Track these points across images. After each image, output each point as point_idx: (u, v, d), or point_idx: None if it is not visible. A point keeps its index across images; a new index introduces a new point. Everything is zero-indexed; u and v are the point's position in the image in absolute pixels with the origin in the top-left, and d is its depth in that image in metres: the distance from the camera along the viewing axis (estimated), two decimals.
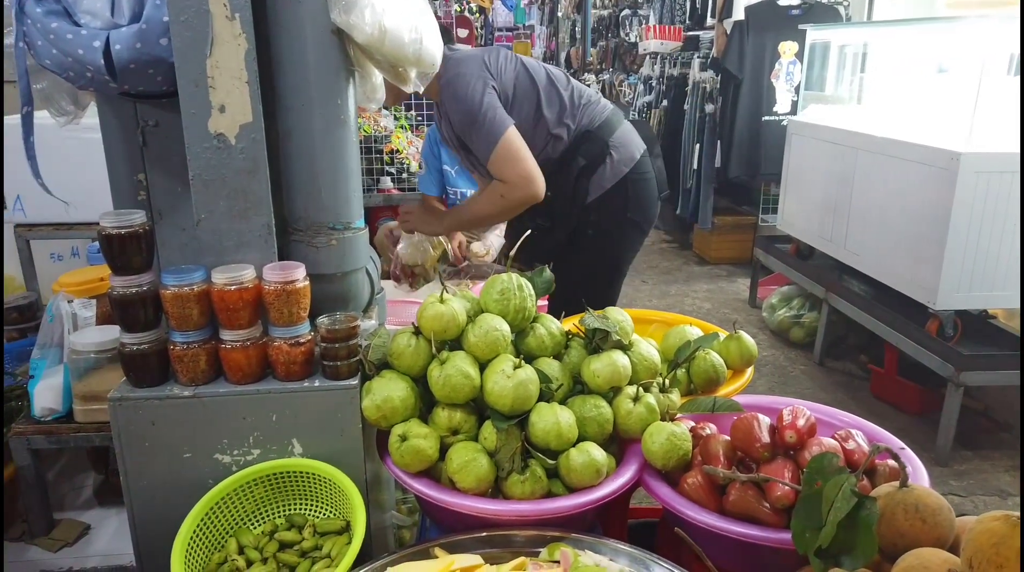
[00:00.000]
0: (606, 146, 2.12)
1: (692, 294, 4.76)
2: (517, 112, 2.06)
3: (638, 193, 2.21)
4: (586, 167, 2.11)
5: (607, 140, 2.13)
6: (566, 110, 2.13)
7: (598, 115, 2.16)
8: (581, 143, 2.12)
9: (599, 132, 2.13)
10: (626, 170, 2.16)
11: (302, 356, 1.35)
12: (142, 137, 1.48)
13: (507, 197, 1.97)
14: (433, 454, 1.34)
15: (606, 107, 2.21)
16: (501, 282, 1.46)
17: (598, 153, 2.12)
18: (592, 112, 2.16)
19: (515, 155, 1.95)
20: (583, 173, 2.11)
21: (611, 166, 2.14)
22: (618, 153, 2.15)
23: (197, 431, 1.34)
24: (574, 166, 2.11)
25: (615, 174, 2.14)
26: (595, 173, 2.13)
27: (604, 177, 2.14)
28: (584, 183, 2.12)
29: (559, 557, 1.21)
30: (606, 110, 2.19)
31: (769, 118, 4.79)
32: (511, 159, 1.94)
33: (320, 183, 1.45)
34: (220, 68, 1.30)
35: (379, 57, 1.41)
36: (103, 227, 1.28)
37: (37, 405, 1.67)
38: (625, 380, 1.44)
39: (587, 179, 2.12)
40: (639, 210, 2.23)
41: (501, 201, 1.98)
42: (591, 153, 2.11)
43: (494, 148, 1.94)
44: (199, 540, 1.27)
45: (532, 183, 1.96)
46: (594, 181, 2.13)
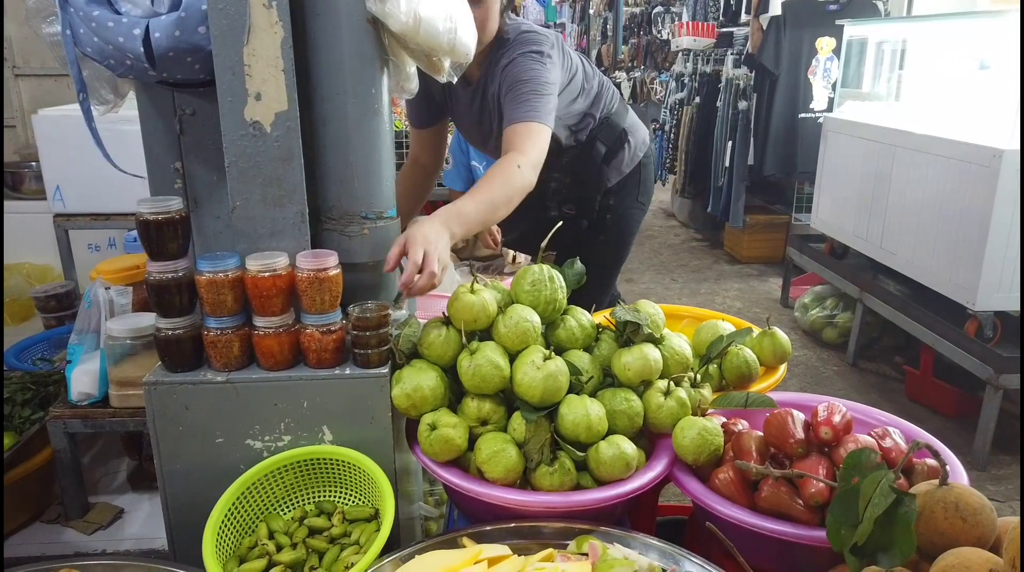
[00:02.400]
0: (624, 132, 2.15)
1: (723, 293, 4.71)
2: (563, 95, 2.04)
3: (647, 176, 2.29)
4: (607, 153, 2.14)
5: (623, 126, 2.16)
6: (597, 95, 2.14)
7: (614, 100, 2.18)
8: (601, 130, 2.14)
9: (616, 118, 2.15)
10: (642, 155, 2.22)
11: (333, 344, 1.36)
12: (179, 126, 1.50)
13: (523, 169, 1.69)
14: (462, 444, 1.34)
15: (616, 93, 2.23)
16: (532, 273, 1.46)
17: (617, 139, 2.15)
18: (611, 97, 2.18)
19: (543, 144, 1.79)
20: (604, 159, 2.14)
21: (630, 151, 2.18)
22: (634, 138, 2.20)
23: (229, 416, 1.35)
24: (596, 153, 2.13)
25: (633, 159, 2.19)
26: (615, 158, 2.16)
27: (623, 162, 2.18)
28: (605, 169, 2.15)
29: (587, 550, 1.20)
30: (616, 96, 2.22)
31: (805, 115, 4.72)
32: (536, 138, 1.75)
33: (353, 172, 1.45)
34: (256, 56, 1.31)
35: (413, 46, 1.41)
36: (141, 213, 1.30)
37: (74, 390, 1.69)
38: (656, 374, 1.43)
39: (607, 165, 2.15)
40: (646, 193, 2.32)
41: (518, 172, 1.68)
42: (610, 139, 2.14)
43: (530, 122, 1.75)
44: (230, 524, 1.28)
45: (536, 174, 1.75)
46: (614, 166, 2.17)
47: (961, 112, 3.45)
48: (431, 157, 2.32)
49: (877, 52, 4.67)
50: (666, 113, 6.43)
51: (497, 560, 1.17)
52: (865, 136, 3.59)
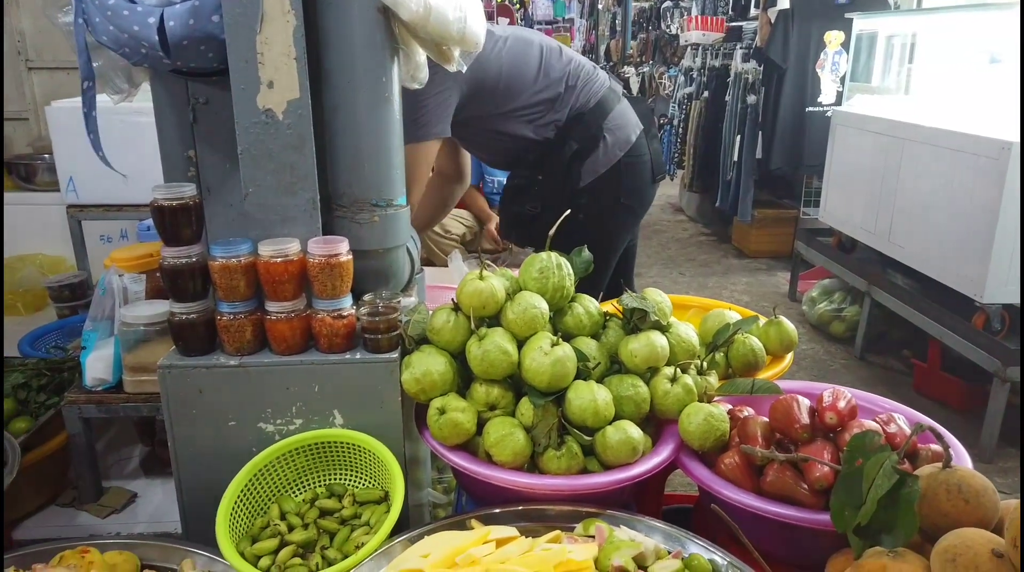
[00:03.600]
0: (600, 129, 2.06)
1: (730, 287, 4.71)
2: (507, 91, 2.00)
3: (632, 177, 2.15)
4: (579, 151, 2.06)
5: (601, 123, 2.06)
6: (562, 91, 2.06)
7: (594, 95, 2.09)
8: (574, 126, 2.06)
9: (593, 114, 2.06)
10: (620, 154, 2.10)
11: (344, 329, 1.38)
12: (193, 114, 1.52)
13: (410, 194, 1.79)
14: (471, 428, 1.36)
15: (603, 85, 2.14)
16: (540, 261, 1.47)
17: (591, 137, 2.06)
18: (588, 92, 2.09)
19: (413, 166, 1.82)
20: (575, 157, 2.06)
21: (604, 150, 2.08)
22: (612, 136, 2.09)
23: (242, 400, 1.37)
24: (566, 150, 2.05)
25: (609, 159, 2.09)
26: (589, 157, 2.07)
27: (597, 161, 2.09)
28: (577, 167, 2.07)
29: (594, 532, 1.22)
30: (602, 88, 2.12)
31: (813, 109, 4.71)
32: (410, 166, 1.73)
33: (364, 160, 1.47)
34: (269, 44, 1.33)
35: (424, 35, 1.43)
36: (155, 199, 1.32)
37: (88, 375, 1.72)
38: (663, 361, 1.44)
39: (580, 163, 2.07)
40: (633, 195, 2.19)
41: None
42: (584, 136, 2.05)
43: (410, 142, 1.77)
44: (243, 505, 1.30)
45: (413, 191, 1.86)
46: (587, 165, 2.08)
47: (971, 105, 3.44)
48: (448, 164, 2.31)
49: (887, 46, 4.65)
50: (675, 108, 6.43)
51: (505, 541, 1.19)
52: (874, 130, 3.58)
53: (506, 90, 2.03)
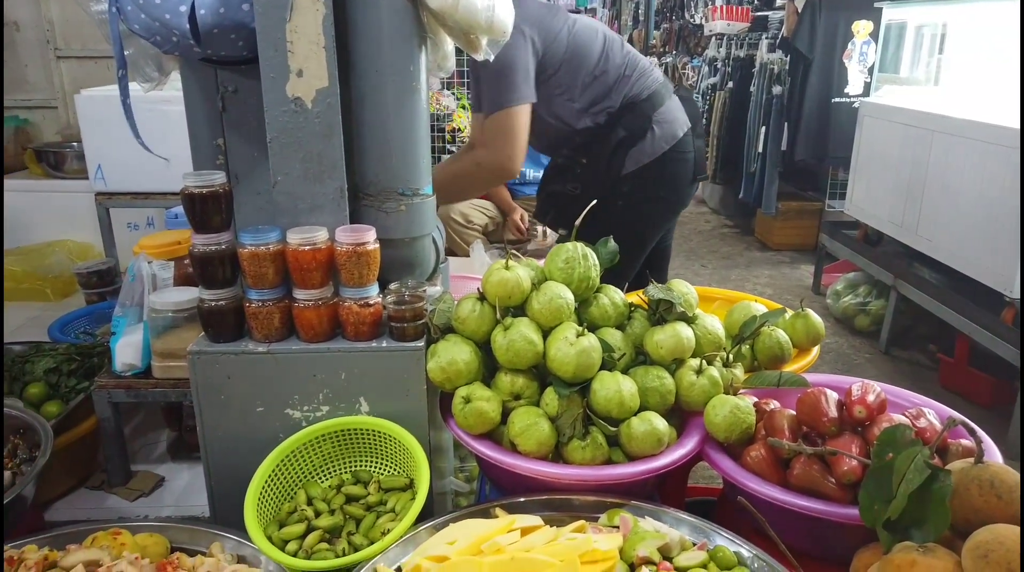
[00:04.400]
0: (649, 120, 2.09)
1: (753, 279, 4.68)
2: (567, 74, 2.03)
3: (674, 172, 2.17)
4: (626, 139, 2.08)
5: (651, 115, 2.09)
6: (618, 79, 2.09)
7: (647, 87, 2.12)
8: (624, 114, 2.08)
9: (644, 105, 2.09)
10: (666, 147, 2.12)
11: (371, 317, 1.39)
12: (221, 103, 1.53)
13: (482, 165, 1.92)
14: (496, 417, 1.36)
15: (656, 79, 2.16)
16: (566, 251, 1.47)
17: (639, 126, 2.08)
18: (642, 83, 2.12)
19: (513, 130, 1.90)
20: (622, 144, 2.08)
21: (651, 141, 2.11)
22: (660, 129, 2.12)
23: (270, 386, 1.38)
24: (613, 136, 2.07)
25: (654, 150, 2.11)
26: (634, 146, 2.10)
27: (643, 151, 2.11)
28: (621, 155, 2.09)
29: (618, 522, 1.22)
30: (656, 82, 2.15)
31: (840, 100, 4.65)
32: (508, 131, 1.88)
33: (391, 149, 1.47)
34: (299, 33, 1.33)
35: (452, 24, 1.42)
36: (186, 186, 1.33)
37: (118, 361, 1.74)
38: (688, 352, 1.44)
39: (625, 151, 2.09)
40: (672, 189, 2.21)
41: (475, 168, 1.93)
42: (633, 126, 2.07)
43: (498, 110, 1.88)
44: (270, 491, 1.32)
45: (512, 159, 1.91)
46: (632, 154, 2.10)
47: (1003, 97, 3.38)
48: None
49: (916, 36, 4.58)
50: (698, 99, 6.37)
51: (530, 530, 1.19)
52: (903, 121, 3.53)
53: (567, 70, 2.05)
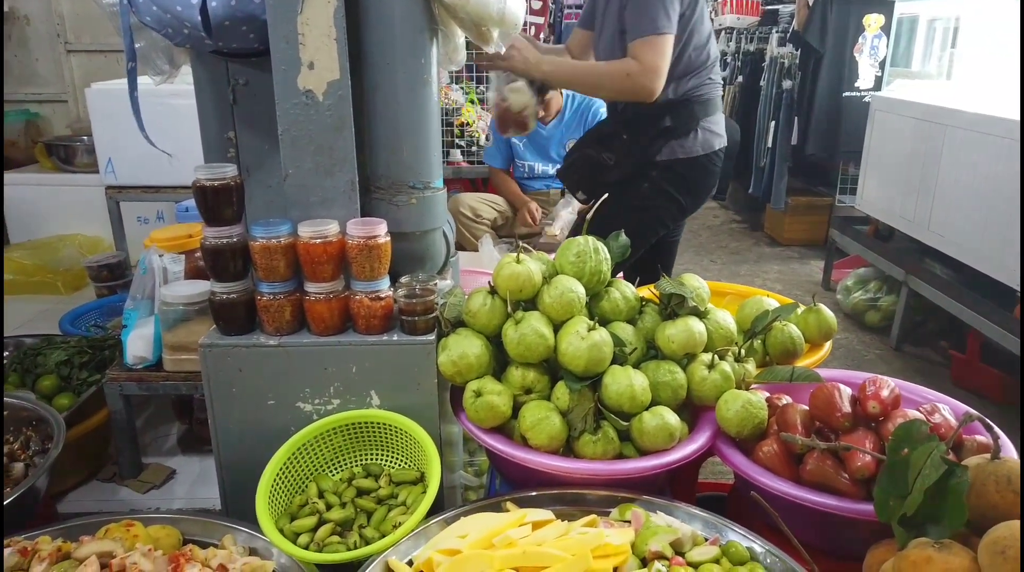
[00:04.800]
0: (696, 122, 2.14)
1: (763, 275, 4.65)
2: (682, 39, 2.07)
3: (699, 178, 2.23)
4: (670, 129, 2.12)
5: (700, 118, 2.15)
6: (702, 68, 2.14)
7: (710, 92, 2.18)
8: (678, 106, 2.12)
9: (698, 106, 2.14)
10: (701, 152, 2.17)
11: (382, 310, 1.38)
12: (232, 95, 1.53)
13: (632, 77, 1.98)
14: (506, 411, 1.36)
15: (718, 89, 2.23)
16: (577, 245, 1.46)
17: (686, 123, 2.13)
18: (710, 86, 2.18)
19: (664, 52, 1.97)
20: (665, 132, 2.12)
21: (692, 141, 2.15)
22: (702, 134, 2.17)
23: (281, 379, 1.38)
24: (661, 123, 2.12)
25: (689, 150, 2.16)
26: (675, 138, 2.14)
27: (681, 146, 2.15)
28: (661, 142, 2.13)
29: (630, 517, 1.22)
30: (717, 91, 2.22)
31: (850, 94, 4.61)
32: (660, 52, 1.96)
33: (402, 142, 1.47)
34: (310, 25, 1.33)
35: (463, 16, 1.42)
36: (198, 179, 1.33)
37: (129, 353, 1.75)
38: (700, 347, 1.43)
39: (665, 140, 2.13)
40: (691, 193, 2.26)
41: (624, 79, 1.99)
42: (680, 119, 2.12)
43: (651, 35, 1.95)
44: (281, 483, 1.32)
45: (659, 81, 1.98)
46: (671, 144, 2.14)
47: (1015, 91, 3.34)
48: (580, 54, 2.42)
49: (928, 29, 4.55)
50: None
51: (541, 524, 1.19)
52: (914, 115, 3.50)
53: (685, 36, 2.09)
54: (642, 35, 1.96)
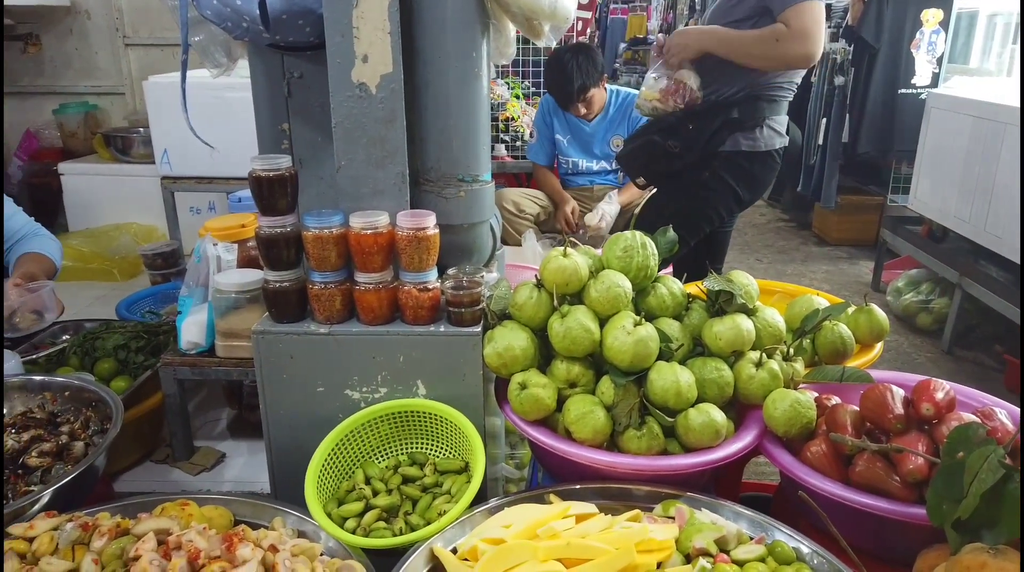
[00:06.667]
0: (763, 119, 2.16)
1: (810, 275, 4.57)
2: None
3: (757, 174, 2.24)
4: (735, 122, 2.13)
5: (767, 115, 2.16)
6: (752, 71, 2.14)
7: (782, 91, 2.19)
8: (748, 101, 2.13)
9: (767, 104, 2.15)
10: (763, 149, 2.19)
11: (429, 301, 1.40)
12: (287, 88, 1.56)
13: (782, 43, 1.97)
14: (551, 404, 1.36)
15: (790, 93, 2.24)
16: (624, 239, 1.46)
17: (752, 118, 2.14)
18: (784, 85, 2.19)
19: (816, 16, 1.96)
20: (730, 124, 2.14)
21: (756, 136, 2.17)
22: (767, 131, 2.19)
23: (330, 367, 1.41)
24: (727, 114, 2.13)
25: (752, 145, 2.17)
26: (740, 131, 2.15)
27: (744, 140, 2.17)
28: (725, 133, 2.15)
29: (674, 513, 1.21)
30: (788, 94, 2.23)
31: (906, 91, 4.49)
32: (812, 16, 1.95)
33: (452, 135, 1.48)
34: (365, 19, 1.35)
35: (516, 10, 1.42)
36: (254, 170, 1.36)
37: (184, 339, 1.79)
38: (748, 345, 1.41)
39: (729, 131, 2.15)
40: (749, 188, 2.27)
41: (774, 44, 1.99)
42: (747, 114, 2.14)
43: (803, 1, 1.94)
44: (329, 469, 1.35)
45: (812, 45, 1.97)
46: (736, 136, 2.16)
47: None
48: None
49: (988, 25, 4.41)
50: None
51: (584, 517, 1.19)
52: (972, 113, 3.40)
53: None
54: (793, 2, 1.94)
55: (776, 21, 1.98)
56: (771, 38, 1.99)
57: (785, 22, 1.96)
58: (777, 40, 1.97)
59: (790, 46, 1.96)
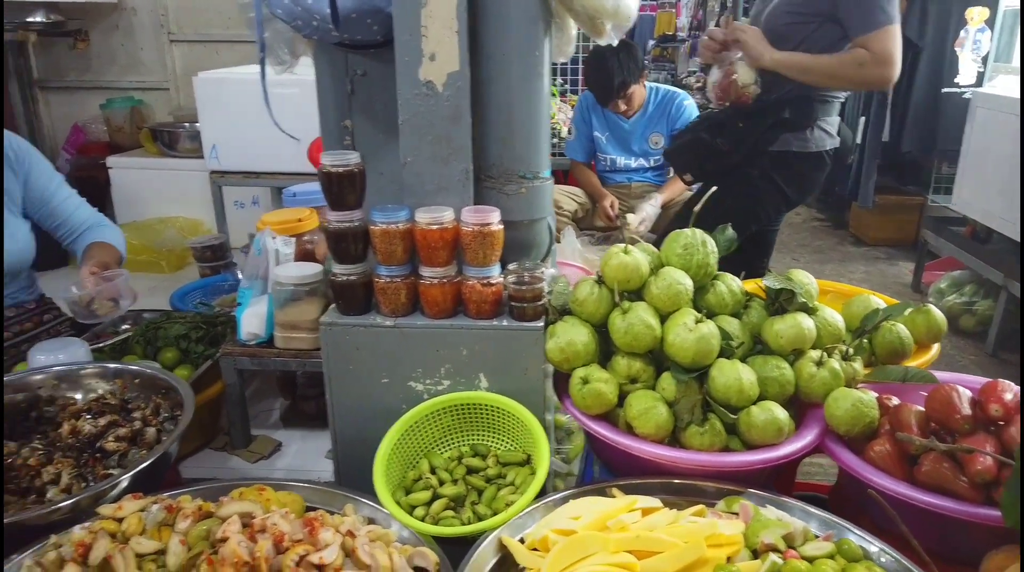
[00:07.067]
0: (815, 120, 2.16)
1: (848, 275, 4.54)
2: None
3: (807, 174, 2.25)
4: (787, 121, 2.14)
5: (820, 116, 2.16)
6: None
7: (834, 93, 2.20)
8: (801, 102, 2.13)
9: (819, 105, 2.15)
10: (813, 150, 2.20)
11: (492, 296, 1.42)
12: (351, 85, 1.59)
13: (865, 68, 2.00)
14: (613, 399, 1.38)
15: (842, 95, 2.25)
16: (684, 237, 1.47)
17: (804, 118, 2.15)
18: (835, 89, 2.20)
19: (895, 40, 2.00)
20: (781, 123, 2.14)
21: (807, 136, 2.18)
22: (819, 133, 2.19)
23: (395, 359, 1.44)
24: (779, 113, 2.14)
25: (803, 145, 2.18)
26: (791, 131, 2.16)
27: (795, 139, 2.17)
28: (776, 132, 2.15)
29: (738, 509, 1.22)
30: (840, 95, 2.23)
31: (949, 90, 4.44)
32: (891, 40, 1.99)
33: (515, 132, 1.50)
34: (433, 18, 1.37)
35: (579, 8, 1.44)
36: (324, 165, 1.39)
37: (243, 330, 1.83)
38: (809, 343, 1.42)
39: (780, 131, 2.15)
40: (798, 189, 2.28)
41: (856, 69, 2.01)
42: (799, 114, 2.14)
43: (884, 26, 1.98)
44: (394, 458, 1.37)
45: (892, 70, 2.01)
46: (786, 136, 2.16)
47: None
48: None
49: None
50: None
51: (649, 511, 1.21)
52: (1018, 112, 3.35)
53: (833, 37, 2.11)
54: (873, 28, 1.96)
55: (853, 43, 1.99)
56: (852, 63, 2.00)
57: (865, 46, 1.97)
58: (860, 66, 1.98)
59: (872, 71, 1.97)
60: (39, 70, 4.57)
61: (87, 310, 1.66)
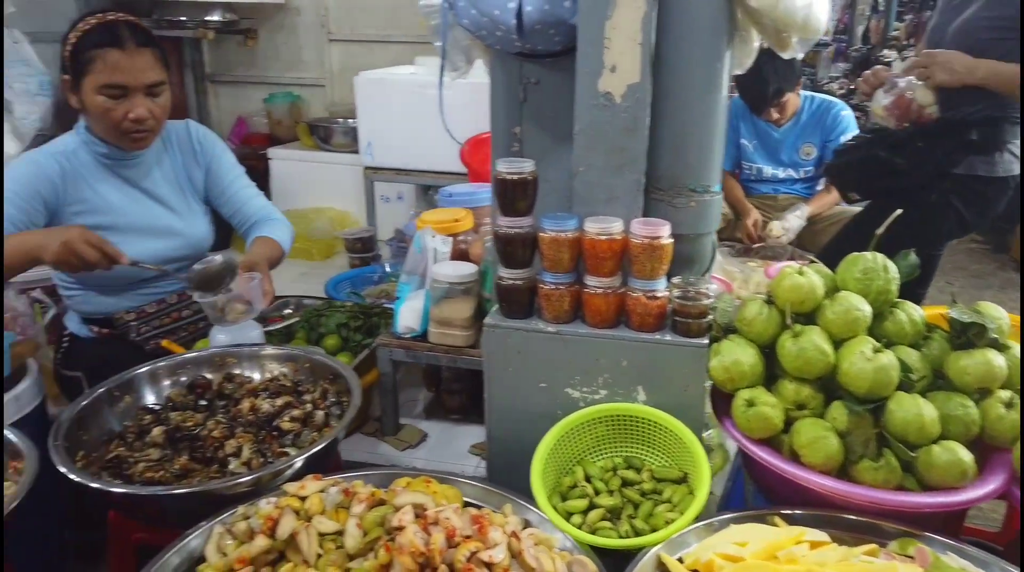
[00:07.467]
0: (1004, 143, 2.03)
1: (1009, 303, 4.15)
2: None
3: (993, 200, 2.11)
4: (973, 143, 2.01)
5: (1008, 139, 2.03)
6: None
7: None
8: (987, 123, 2.00)
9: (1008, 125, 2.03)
10: (999, 174, 2.07)
11: (657, 309, 1.41)
12: (523, 93, 1.61)
13: None
14: (779, 423, 1.34)
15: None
16: (864, 261, 1.40)
17: (992, 141, 2.02)
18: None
19: None
20: (967, 145, 2.01)
21: (993, 160, 2.05)
22: (1007, 156, 2.06)
23: (554, 365, 1.45)
24: (966, 134, 2.01)
25: (989, 170, 2.05)
26: (976, 154, 2.02)
27: (980, 163, 2.04)
28: (961, 154, 2.02)
29: (913, 553, 1.16)
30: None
31: None
32: None
33: (688, 145, 1.48)
34: (617, 30, 1.37)
35: (768, 21, 1.40)
36: (499, 171, 1.43)
37: (400, 323, 1.91)
38: (998, 382, 1.32)
39: (965, 153, 2.02)
40: (981, 214, 2.14)
41: None
42: (988, 136, 2.00)
43: None
44: (549, 462, 1.39)
45: None
46: (972, 159, 2.03)
47: None
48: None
49: None
50: None
51: (816, 545, 1.17)
52: None
53: None
54: None
55: None
56: None
57: None
58: None
59: None
60: (211, 65, 4.93)
61: (220, 313, 1.76)
